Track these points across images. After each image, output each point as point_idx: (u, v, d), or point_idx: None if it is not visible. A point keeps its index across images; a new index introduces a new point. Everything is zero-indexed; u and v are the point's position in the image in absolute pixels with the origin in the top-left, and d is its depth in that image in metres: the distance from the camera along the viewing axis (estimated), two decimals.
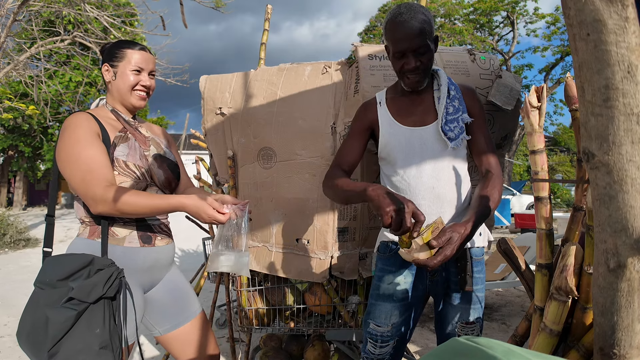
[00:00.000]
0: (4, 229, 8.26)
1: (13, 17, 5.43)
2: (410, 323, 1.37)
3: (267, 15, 2.00)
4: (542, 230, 1.23)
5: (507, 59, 16.05)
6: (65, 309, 1.09)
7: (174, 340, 1.41)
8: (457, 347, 0.44)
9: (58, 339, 1.07)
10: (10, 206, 16.37)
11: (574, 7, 0.48)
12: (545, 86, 1.25)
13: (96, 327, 1.11)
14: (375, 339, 1.33)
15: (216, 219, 1.21)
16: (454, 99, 1.31)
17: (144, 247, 1.30)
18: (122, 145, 1.29)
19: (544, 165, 1.24)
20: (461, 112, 1.30)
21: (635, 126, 0.49)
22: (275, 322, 2.00)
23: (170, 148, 1.50)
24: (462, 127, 1.29)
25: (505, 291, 4.52)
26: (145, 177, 1.31)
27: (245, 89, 1.79)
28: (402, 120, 1.33)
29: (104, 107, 1.39)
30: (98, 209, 1.19)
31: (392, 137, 1.33)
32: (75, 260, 1.15)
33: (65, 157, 1.22)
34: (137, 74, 1.35)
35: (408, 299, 1.33)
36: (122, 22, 7.23)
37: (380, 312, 1.33)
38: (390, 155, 1.34)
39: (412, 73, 1.27)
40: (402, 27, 1.23)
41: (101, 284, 1.12)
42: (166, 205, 1.22)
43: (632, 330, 0.59)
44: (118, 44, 1.38)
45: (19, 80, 7.61)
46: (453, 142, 1.27)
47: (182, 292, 1.45)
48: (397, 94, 1.38)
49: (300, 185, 1.70)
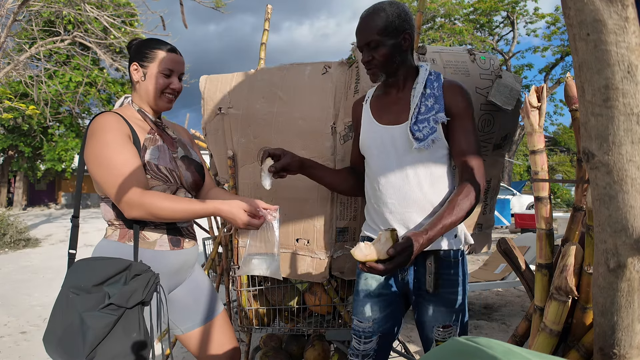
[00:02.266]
0: (4, 229, 8.26)
1: (13, 17, 5.43)
2: (393, 319, 1.35)
3: (267, 15, 2.00)
4: (542, 230, 1.23)
5: (507, 59, 16.05)
6: (104, 315, 1.09)
7: (195, 339, 1.41)
8: (457, 347, 0.44)
9: (96, 344, 1.07)
10: (10, 206, 16.37)
11: (574, 7, 0.48)
12: (545, 86, 1.25)
13: (133, 331, 1.11)
14: (359, 335, 1.34)
15: (251, 224, 1.22)
16: (429, 97, 1.27)
17: (173, 250, 1.30)
18: (152, 148, 1.26)
19: (544, 165, 1.24)
20: (435, 112, 1.25)
21: (635, 126, 0.49)
22: (275, 322, 2.00)
23: (193, 148, 1.48)
24: (432, 128, 1.24)
25: (505, 291, 4.52)
26: (175, 180, 1.29)
27: (245, 89, 1.79)
28: (379, 118, 1.33)
29: (129, 106, 1.34)
30: (133, 214, 1.17)
31: (368, 134, 1.34)
32: (111, 265, 1.14)
33: (97, 161, 1.18)
34: (167, 77, 1.31)
35: (386, 295, 1.33)
36: (122, 22, 7.23)
37: (362, 308, 1.34)
38: (367, 153, 1.36)
39: (367, 67, 1.28)
40: (359, 23, 1.28)
41: (140, 290, 1.12)
42: (202, 210, 1.21)
43: (632, 330, 0.59)
44: (148, 43, 1.33)
45: (19, 80, 7.61)
46: (420, 143, 1.23)
47: (204, 291, 1.45)
48: (381, 92, 1.38)
49: (300, 186, 1.70)
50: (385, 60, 1.25)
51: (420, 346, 2.98)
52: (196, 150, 1.49)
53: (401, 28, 1.25)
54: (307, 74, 1.72)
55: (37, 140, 14.50)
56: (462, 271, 1.30)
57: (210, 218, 2.71)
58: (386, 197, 1.29)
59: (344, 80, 1.69)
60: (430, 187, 1.27)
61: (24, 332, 3.49)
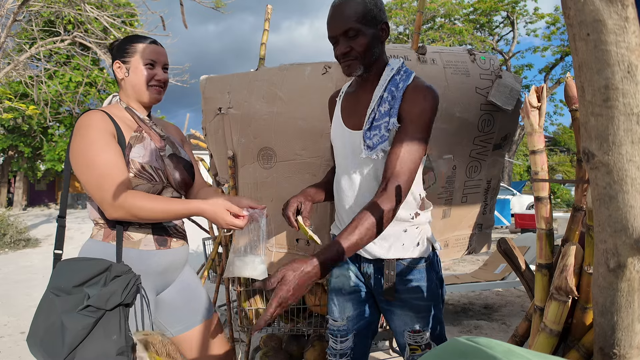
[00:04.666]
0: (4, 229, 8.26)
1: (13, 17, 5.43)
2: (368, 317, 1.33)
3: (267, 15, 2.00)
4: (542, 230, 1.23)
5: (507, 59, 16.04)
6: (83, 316, 1.07)
7: (186, 341, 1.39)
8: (457, 347, 0.44)
9: (75, 346, 1.06)
10: (10, 206, 16.37)
11: (573, 7, 0.48)
12: (545, 86, 1.24)
13: (113, 333, 1.09)
14: (335, 334, 1.33)
15: (234, 225, 1.19)
16: (384, 101, 1.17)
17: (159, 249, 1.28)
18: (138, 146, 1.24)
19: (544, 165, 1.24)
20: (388, 118, 1.15)
21: (635, 126, 0.49)
22: (275, 322, 2.00)
23: (184, 147, 1.46)
24: (383, 136, 1.15)
25: (505, 291, 4.52)
26: (161, 179, 1.27)
27: (245, 89, 1.79)
28: (346, 119, 1.29)
29: (117, 104, 1.33)
30: (114, 215, 1.16)
31: (335, 134, 1.32)
32: (92, 266, 1.13)
33: (80, 160, 1.17)
34: (150, 68, 1.30)
35: (357, 292, 1.31)
36: (122, 22, 7.22)
37: (335, 307, 1.33)
38: (335, 153, 1.34)
39: (343, 58, 1.17)
40: (332, 11, 1.16)
41: (119, 292, 1.10)
42: (184, 210, 1.19)
43: (632, 330, 0.59)
44: (128, 39, 1.32)
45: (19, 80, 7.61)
46: (370, 151, 1.17)
47: (195, 293, 1.42)
48: (352, 89, 1.32)
49: (300, 186, 1.70)
50: (365, 50, 1.15)
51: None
52: (187, 149, 1.47)
53: (379, 18, 1.16)
54: (307, 74, 1.72)
55: (37, 140, 14.49)
56: (429, 277, 1.26)
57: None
58: (344, 201, 1.28)
59: (344, 80, 1.69)
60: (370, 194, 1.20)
61: (23, 332, 3.49)
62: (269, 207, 1.77)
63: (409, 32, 15.86)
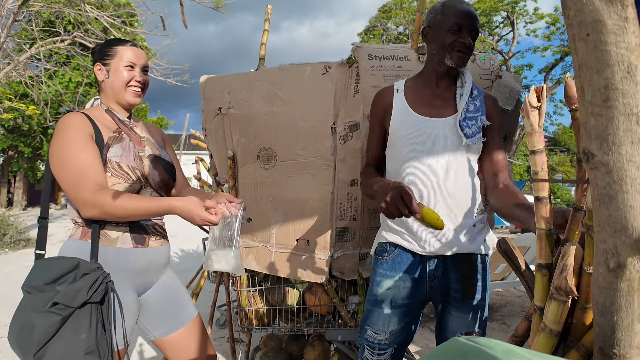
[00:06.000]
0: (4, 229, 8.25)
1: (13, 17, 5.43)
2: (409, 329, 1.32)
3: (267, 15, 2.00)
4: (542, 230, 1.23)
5: (507, 59, 16.04)
6: (50, 314, 1.07)
7: (169, 344, 1.39)
8: (457, 347, 0.44)
9: (43, 343, 1.06)
10: (10, 206, 16.37)
11: (573, 7, 0.48)
12: (545, 86, 1.24)
13: (82, 332, 1.09)
14: (373, 346, 1.29)
15: (208, 220, 1.17)
16: (476, 98, 1.31)
17: (137, 247, 1.28)
18: (116, 146, 1.26)
19: (544, 165, 1.23)
20: (481, 113, 1.29)
21: (635, 126, 0.49)
22: (275, 322, 2.00)
23: (166, 148, 1.48)
24: (479, 127, 1.28)
25: (505, 291, 4.52)
26: (139, 179, 1.28)
27: (245, 89, 1.79)
28: (418, 109, 1.31)
29: (98, 107, 1.36)
30: (89, 213, 1.17)
31: (403, 124, 1.31)
32: (62, 264, 1.13)
33: (57, 160, 1.19)
34: (130, 70, 1.33)
35: (407, 305, 1.28)
36: (122, 23, 7.22)
37: (378, 319, 1.28)
38: (397, 143, 1.32)
39: (463, 49, 1.28)
40: (465, 7, 1.29)
41: (85, 289, 1.09)
42: (157, 208, 1.19)
43: (632, 330, 0.59)
44: (108, 43, 1.36)
45: (19, 80, 7.61)
46: (469, 139, 1.25)
47: (177, 295, 1.42)
48: (417, 85, 1.37)
49: (301, 186, 1.70)
50: (472, 50, 1.31)
51: (420, 346, 2.98)
52: (169, 150, 1.49)
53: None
54: (307, 74, 1.72)
55: (37, 140, 14.49)
56: (488, 277, 1.29)
57: None
58: (422, 189, 1.25)
59: (344, 81, 1.69)
60: (469, 184, 1.27)
61: None
62: (269, 207, 1.78)
63: (409, 32, 15.86)
